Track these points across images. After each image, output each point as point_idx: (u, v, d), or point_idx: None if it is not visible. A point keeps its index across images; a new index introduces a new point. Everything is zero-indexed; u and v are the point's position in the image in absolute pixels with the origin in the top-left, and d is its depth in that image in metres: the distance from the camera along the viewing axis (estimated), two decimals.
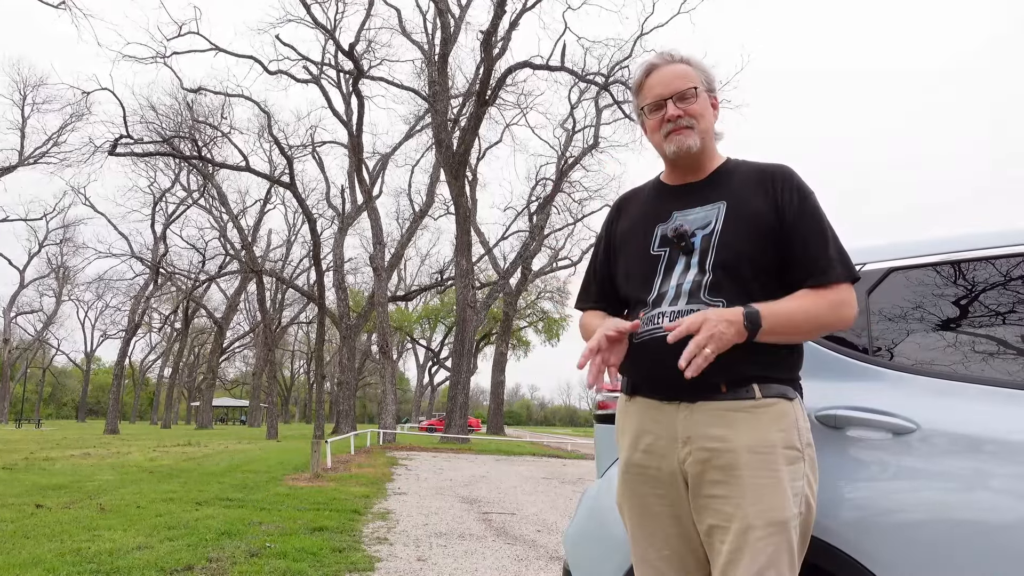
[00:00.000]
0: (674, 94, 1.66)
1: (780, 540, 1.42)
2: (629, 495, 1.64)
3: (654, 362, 1.58)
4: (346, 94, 29.80)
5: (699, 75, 1.69)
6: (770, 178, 1.64)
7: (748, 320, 1.45)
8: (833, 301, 1.53)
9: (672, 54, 1.71)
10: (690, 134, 1.65)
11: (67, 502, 7.29)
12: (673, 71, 1.68)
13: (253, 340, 56.57)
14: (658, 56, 1.73)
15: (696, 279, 1.58)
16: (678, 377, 1.52)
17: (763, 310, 1.47)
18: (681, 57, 1.71)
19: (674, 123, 1.65)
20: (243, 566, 4.54)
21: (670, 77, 1.68)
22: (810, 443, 1.55)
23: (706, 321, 1.43)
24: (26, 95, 36.32)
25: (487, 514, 7.81)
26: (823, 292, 1.54)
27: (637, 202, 1.81)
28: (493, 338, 44.72)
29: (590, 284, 1.88)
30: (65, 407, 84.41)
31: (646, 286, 1.65)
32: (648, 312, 1.62)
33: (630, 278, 1.71)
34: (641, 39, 26.32)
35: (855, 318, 1.58)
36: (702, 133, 1.66)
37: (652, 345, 1.58)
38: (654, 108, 1.69)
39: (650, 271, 1.65)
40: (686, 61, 1.71)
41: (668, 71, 1.69)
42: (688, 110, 1.65)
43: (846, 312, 1.55)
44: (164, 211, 40.87)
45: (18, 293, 49.36)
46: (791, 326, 1.50)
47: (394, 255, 31.72)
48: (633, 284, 1.69)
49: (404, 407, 66.20)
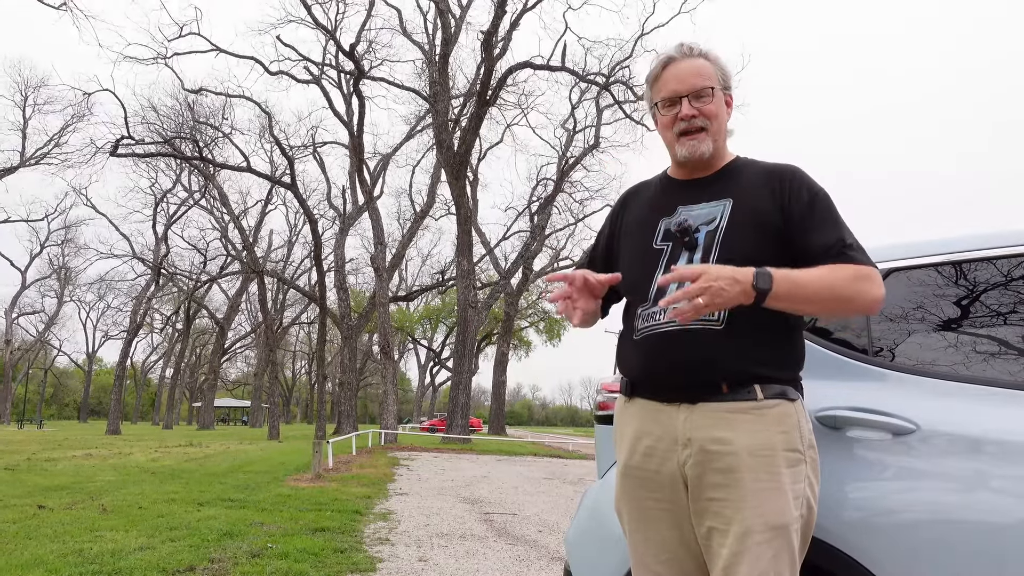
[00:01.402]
0: (690, 92, 1.60)
1: (780, 544, 1.41)
2: (628, 499, 1.62)
3: (654, 358, 1.56)
4: (347, 94, 29.82)
5: (717, 72, 1.64)
6: (778, 178, 1.60)
7: (758, 279, 1.39)
8: (855, 274, 1.46)
9: (692, 47, 1.65)
10: (703, 138, 1.61)
11: (69, 503, 7.30)
12: (691, 67, 1.62)
13: (254, 340, 56.58)
14: (677, 48, 1.66)
15: None
16: (678, 374, 1.52)
17: (776, 272, 1.41)
18: (700, 51, 1.65)
19: (688, 123, 1.61)
20: (245, 567, 4.54)
21: (687, 73, 1.62)
22: (812, 444, 1.53)
23: (705, 272, 1.37)
24: (27, 96, 36.36)
25: (488, 514, 7.81)
26: (846, 266, 1.47)
27: (643, 196, 1.78)
28: (494, 338, 44.70)
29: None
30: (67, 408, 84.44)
31: (646, 280, 1.61)
32: (647, 308, 1.59)
33: (630, 271, 1.67)
34: (642, 39, 26.33)
35: (881, 301, 1.48)
36: (714, 135, 1.63)
37: (652, 341, 1.56)
38: (668, 104, 1.64)
39: (651, 265, 1.62)
40: (705, 56, 1.64)
41: (686, 66, 1.63)
42: (703, 110, 1.61)
43: (869, 288, 1.46)
44: (165, 212, 40.92)
45: (20, 294, 49.42)
46: (808, 293, 1.43)
47: (395, 255, 31.71)
48: (633, 278, 1.66)
49: (405, 407, 66.21)
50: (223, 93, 29.84)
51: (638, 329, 1.60)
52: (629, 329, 1.66)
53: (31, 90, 36.49)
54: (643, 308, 1.61)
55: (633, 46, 26.41)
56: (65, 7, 21.33)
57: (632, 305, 1.67)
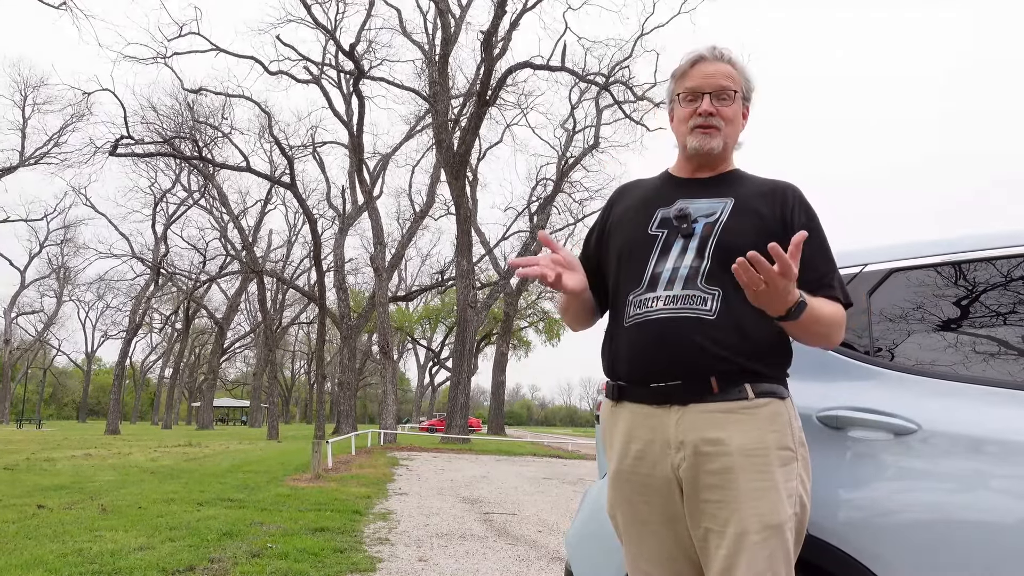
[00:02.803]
0: (714, 90, 1.64)
1: (776, 543, 1.41)
2: (621, 503, 1.61)
3: (644, 346, 1.54)
4: (347, 94, 29.82)
5: (741, 80, 1.68)
6: (781, 193, 1.63)
7: (796, 307, 1.43)
8: (841, 319, 1.54)
9: (723, 52, 1.68)
10: (716, 135, 1.64)
11: (68, 503, 7.30)
12: (719, 68, 1.66)
13: (254, 340, 56.59)
14: (708, 49, 1.69)
15: (694, 264, 1.55)
16: (668, 363, 1.52)
17: (810, 304, 1.45)
18: (730, 58, 1.68)
19: (704, 119, 1.64)
20: (245, 567, 4.54)
21: (714, 72, 1.65)
22: (803, 442, 1.54)
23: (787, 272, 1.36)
24: (27, 96, 36.39)
25: (488, 514, 7.81)
26: (838, 307, 1.55)
27: (638, 190, 1.79)
28: (494, 338, 44.71)
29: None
30: (66, 408, 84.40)
31: (640, 267, 1.61)
32: (640, 294, 1.59)
33: (622, 257, 1.66)
34: (642, 39, 26.40)
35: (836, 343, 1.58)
36: (726, 138, 1.65)
37: (644, 328, 1.55)
38: (689, 98, 1.66)
39: (645, 251, 1.61)
40: (733, 63, 1.68)
41: (714, 67, 1.66)
42: (722, 111, 1.64)
43: (840, 335, 1.55)
44: (165, 211, 40.94)
45: (19, 293, 49.39)
46: (818, 329, 1.50)
47: (395, 255, 31.71)
48: (624, 263, 1.65)
49: (405, 407, 66.22)
50: (223, 93, 29.88)
51: (629, 316, 1.59)
52: (618, 317, 1.64)
53: (30, 89, 36.57)
54: (635, 294, 1.60)
55: (633, 46, 26.48)
56: (65, 7, 21.35)
57: (622, 293, 1.65)
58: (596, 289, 1.75)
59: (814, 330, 1.50)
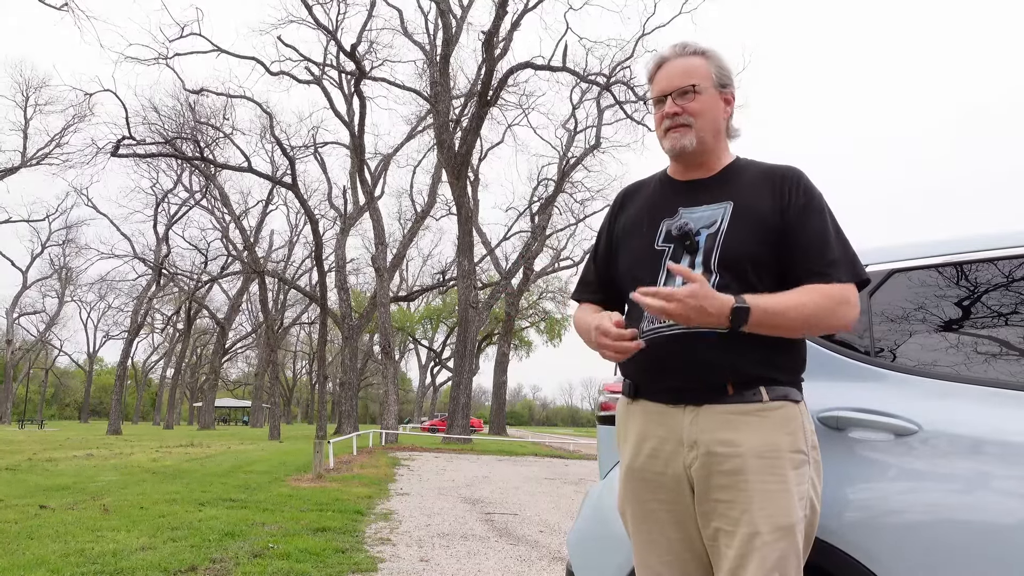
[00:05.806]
0: (674, 90, 1.63)
1: (787, 545, 1.42)
2: (632, 500, 1.62)
3: (658, 361, 1.56)
4: (348, 95, 29.83)
5: (711, 70, 1.65)
6: (779, 178, 1.62)
7: (734, 317, 1.43)
8: (833, 298, 1.49)
9: (686, 46, 1.68)
10: (686, 132, 1.63)
11: (70, 503, 7.31)
12: (679, 66, 1.65)
13: (255, 341, 56.60)
14: (672, 48, 1.70)
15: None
16: (683, 378, 1.53)
17: (754, 306, 1.44)
18: (695, 50, 1.67)
19: (671, 120, 1.64)
20: (246, 567, 4.55)
21: (675, 72, 1.65)
22: (815, 445, 1.55)
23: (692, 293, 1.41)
24: (28, 96, 36.48)
25: (489, 514, 7.82)
26: (823, 289, 1.50)
27: (642, 195, 1.78)
28: (495, 338, 44.68)
29: (589, 275, 1.85)
30: (68, 408, 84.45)
31: (650, 281, 1.60)
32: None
33: (632, 272, 1.66)
34: (643, 39, 26.36)
35: (855, 320, 1.54)
36: (700, 131, 1.63)
37: (656, 344, 1.56)
38: (658, 102, 1.68)
39: (653, 269, 1.62)
40: (702, 54, 1.67)
41: (675, 65, 1.66)
42: (687, 107, 1.63)
43: (845, 312, 1.50)
44: (166, 212, 40.94)
45: (21, 294, 49.48)
46: (782, 322, 1.47)
47: (396, 256, 31.73)
48: (635, 279, 1.64)
49: (406, 407, 66.26)
50: (224, 93, 29.92)
51: (644, 331, 1.59)
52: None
53: (32, 90, 36.65)
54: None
55: (634, 46, 26.45)
56: (67, 8, 21.37)
57: (636, 306, 1.65)
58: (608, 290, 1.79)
59: (787, 325, 1.48)
